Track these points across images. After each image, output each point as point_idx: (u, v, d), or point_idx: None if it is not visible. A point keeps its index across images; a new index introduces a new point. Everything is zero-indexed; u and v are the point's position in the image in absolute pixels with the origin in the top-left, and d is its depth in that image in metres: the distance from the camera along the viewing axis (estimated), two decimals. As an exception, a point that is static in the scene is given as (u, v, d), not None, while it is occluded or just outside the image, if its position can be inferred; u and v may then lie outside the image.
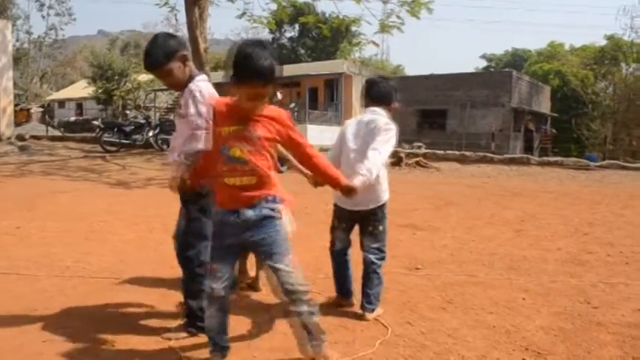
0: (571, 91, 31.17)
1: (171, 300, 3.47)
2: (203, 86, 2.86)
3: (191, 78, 2.89)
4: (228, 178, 2.43)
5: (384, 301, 3.53)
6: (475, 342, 2.89)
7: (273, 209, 2.46)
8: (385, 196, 3.27)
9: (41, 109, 34.96)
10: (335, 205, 3.37)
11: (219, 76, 26.27)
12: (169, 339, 2.85)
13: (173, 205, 2.96)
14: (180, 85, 2.89)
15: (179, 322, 3.00)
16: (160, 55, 2.79)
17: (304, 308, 2.46)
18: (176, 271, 4.08)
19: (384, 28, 14.36)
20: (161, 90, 33.46)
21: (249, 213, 2.43)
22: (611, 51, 30.42)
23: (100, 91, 31.98)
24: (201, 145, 2.73)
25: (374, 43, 44.11)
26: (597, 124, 27.71)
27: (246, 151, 2.40)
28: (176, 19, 17.50)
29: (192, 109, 2.80)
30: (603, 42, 31.93)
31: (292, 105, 13.73)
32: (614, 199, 8.81)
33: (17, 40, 43.56)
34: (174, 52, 2.82)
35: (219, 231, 2.51)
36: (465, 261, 4.67)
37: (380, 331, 3.03)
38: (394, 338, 2.92)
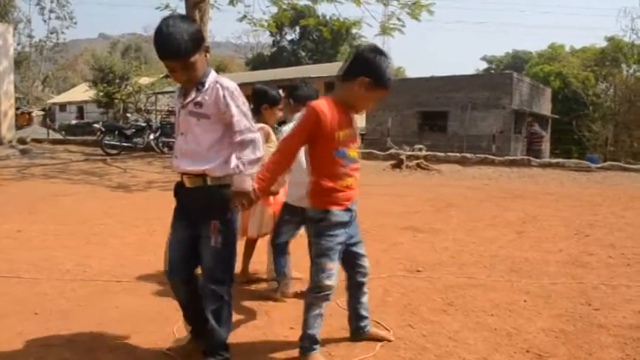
0: (572, 93, 31.17)
1: (171, 304, 3.44)
2: (232, 84, 2.49)
3: (205, 74, 2.47)
4: (346, 180, 2.60)
5: (385, 304, 3.53)
6: (476, 344, 2.89)
7: None
8: None
9: (42, 113, 35.08)
10: (287, 204, 3.60)
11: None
12: None
13: (173, 207, 2.85)
14: (195, 81, 2.45)
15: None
16: (187, 41, 2.31)
17: (366, 290, 2.90)
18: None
19: (384, 30, 14.37)
20: (162, 93, 33.55)
21: (355, 207, 2.69)
22: (611, 52, 30.44)
23: (101, 94, 32.00)
24: (261, 153, 2.47)
25: (374, 45, 44.09)
26: (598, 125, 27.72)
27: (356, 149, 2.66)
28: (177, 22, 17.55)
29: (234, 109, 2.41)
30: (604, 43, 32.01)
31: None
32: (616, 200, 8.80)
33: (18, 44, 43.66)
34: (202, 40, 2.41)
35: (332, 231, 2.58)
36: (466, 263, 4.66)
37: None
38: (395, 341, 2.91)
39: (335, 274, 2.60)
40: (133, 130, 16.60)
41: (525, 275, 4.27)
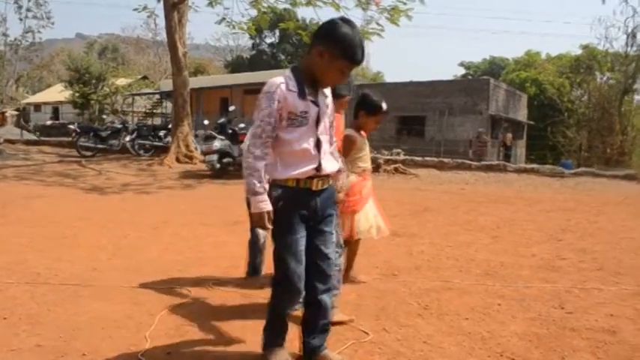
0: (547, 99, 31.62)
1: (143, 308, 3.41)
2: None
3: None
4: None
5: (360, 308, 3.52)
6: (450, 348, 2.90)
7: None
8: None
9: (16, 113, 34.46)
10: None
11: (196, 81, 26.11)
12: None
13: (147, 211, 2.81)
14: None
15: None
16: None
17: None
18: (148, 279, 4.05)
19: (363, 34, 14.43)
20: (139, 94, 33.22)
21: None
22: (586, 60, 30.92)
23: (76, 95, 31.52)
24: None
25: (354, 49, 44.26)
26: (573, 131, 28.12)
27: None
28: (155, 24, 17.45)
29: None
30: (579, 51, 32.49)
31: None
32: (588, 206, 8.95)
33: (-8, 43, 42.84)
34: None
35: None
36: (442, 267, 4.69)
37: (355, 337, 3.01)
38: (370, 345, 2.90)
39: None
40: (109, 132, 16.41)
41: (500, 279, 4.31)
